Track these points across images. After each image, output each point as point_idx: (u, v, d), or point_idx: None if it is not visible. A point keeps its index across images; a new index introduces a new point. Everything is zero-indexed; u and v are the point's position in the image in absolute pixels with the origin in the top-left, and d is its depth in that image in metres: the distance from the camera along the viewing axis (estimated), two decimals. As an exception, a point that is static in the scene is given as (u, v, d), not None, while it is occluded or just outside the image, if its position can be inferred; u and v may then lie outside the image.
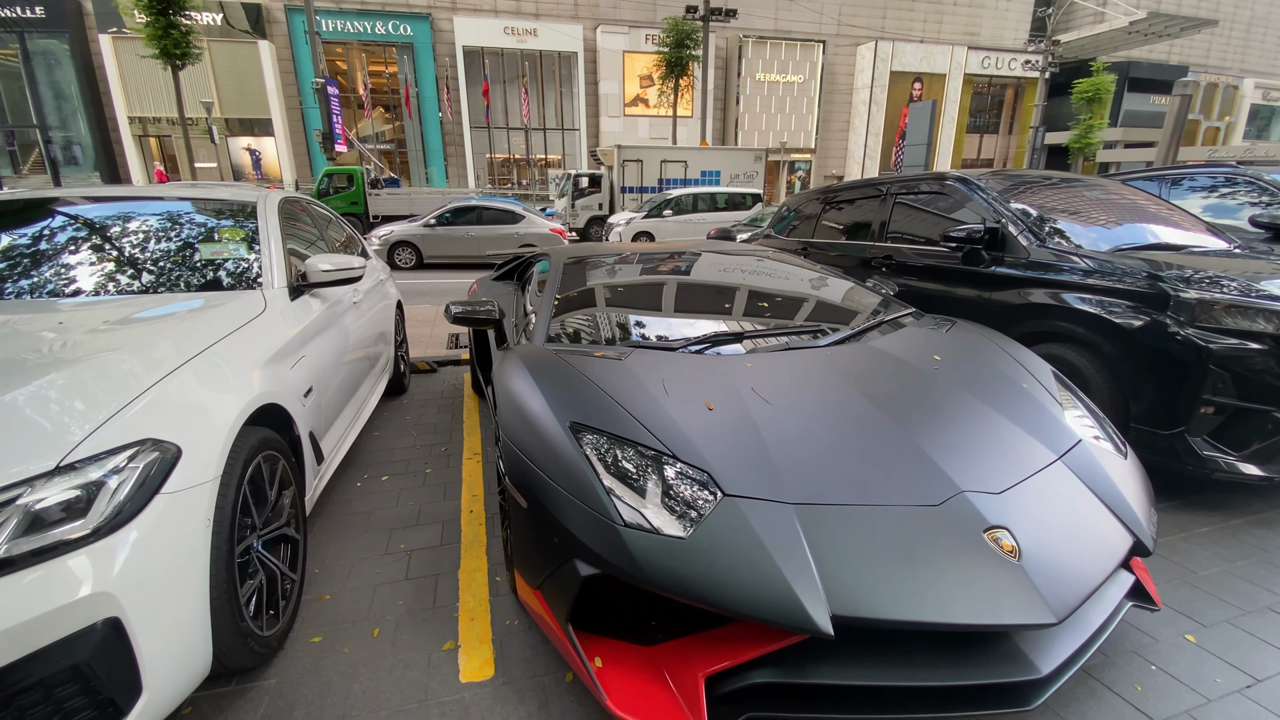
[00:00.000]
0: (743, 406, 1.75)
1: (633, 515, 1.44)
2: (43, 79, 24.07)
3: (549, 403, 1.73)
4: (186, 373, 1.67)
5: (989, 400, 1.89)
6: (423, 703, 1.69)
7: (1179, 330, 2.59)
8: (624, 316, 2.49)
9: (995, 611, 1.28)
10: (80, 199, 2.69)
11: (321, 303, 2.78)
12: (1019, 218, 3.46)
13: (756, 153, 19.24)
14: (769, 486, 1.49)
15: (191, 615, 1.45)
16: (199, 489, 1.50)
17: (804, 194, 5.86)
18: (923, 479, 1.53)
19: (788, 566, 1.32)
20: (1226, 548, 2.41)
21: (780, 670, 1.35)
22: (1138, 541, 1.55)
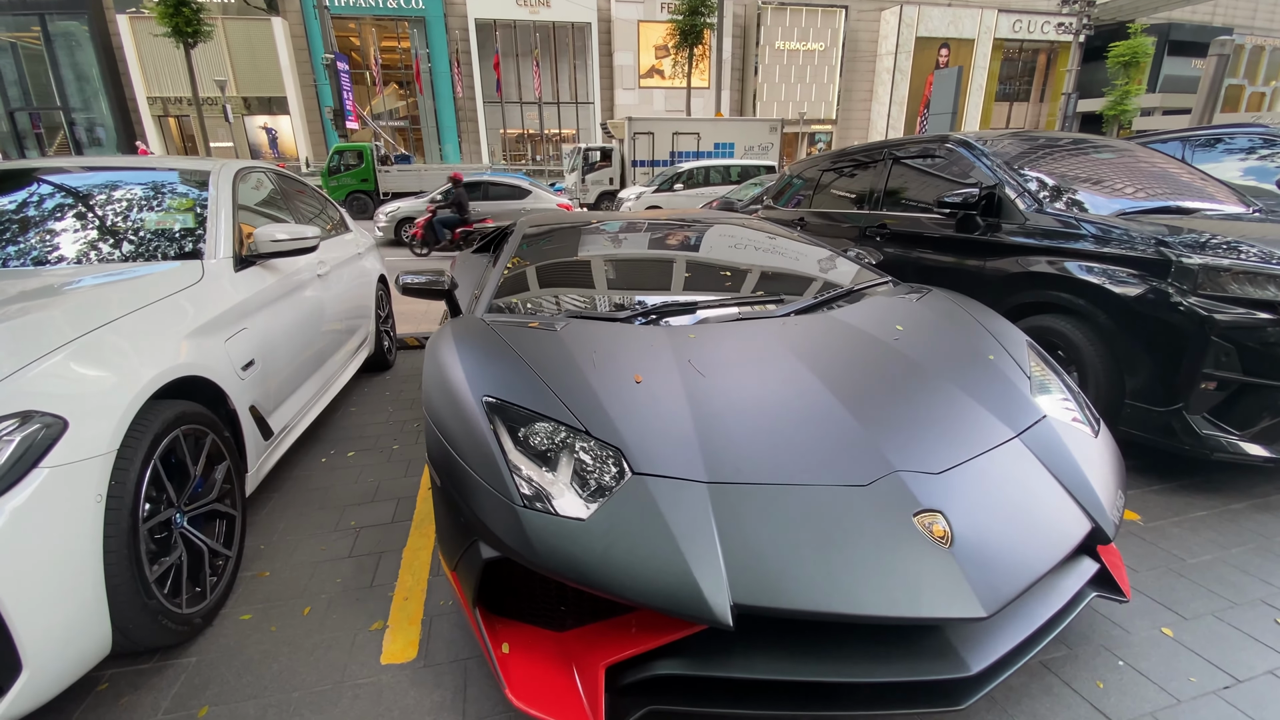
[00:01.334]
0: (674, 380, 1.63)
1: (535, 495, 1.34)
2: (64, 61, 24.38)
3: (466, 375, 1.63)
4: (89, 343, 1.59)
5: (947, 373, 1.74)
6: (338, 684, 1.63)
7: (1180, 299, 2.39)
8: (573, 286, 2.37)
9: (915, 603, 1.16)
10: (37, 170, 2.63)
11: (274, 274, 2.70)
12: (1017, 181, 3.23)
13: (772, 124, 18.71)
14: (685, 465, 1.37)
15: (80, 593, 1.39)
16: (88, 463, 1.43)
17: (802, 162, 5.63)
18: (855, 457, 1.40)
19: (691, 551, 1.21)
20: (1223, 533, 2.24)
21: (686, 662, 1.25)
22: (1096, 527, 1.41)
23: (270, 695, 1.60)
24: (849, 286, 2.37)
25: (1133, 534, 2.24)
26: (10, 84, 23.84)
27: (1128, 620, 1.80)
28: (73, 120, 24.55)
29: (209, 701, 1.58)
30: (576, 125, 31.58)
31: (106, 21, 24.48)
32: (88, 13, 23.91)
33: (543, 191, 12.95)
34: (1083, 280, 2.74)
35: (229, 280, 2.36)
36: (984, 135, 3.67)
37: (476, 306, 2.22)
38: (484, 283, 2.78)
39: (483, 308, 2.19)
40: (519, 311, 2.17)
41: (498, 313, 2.15)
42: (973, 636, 1.28)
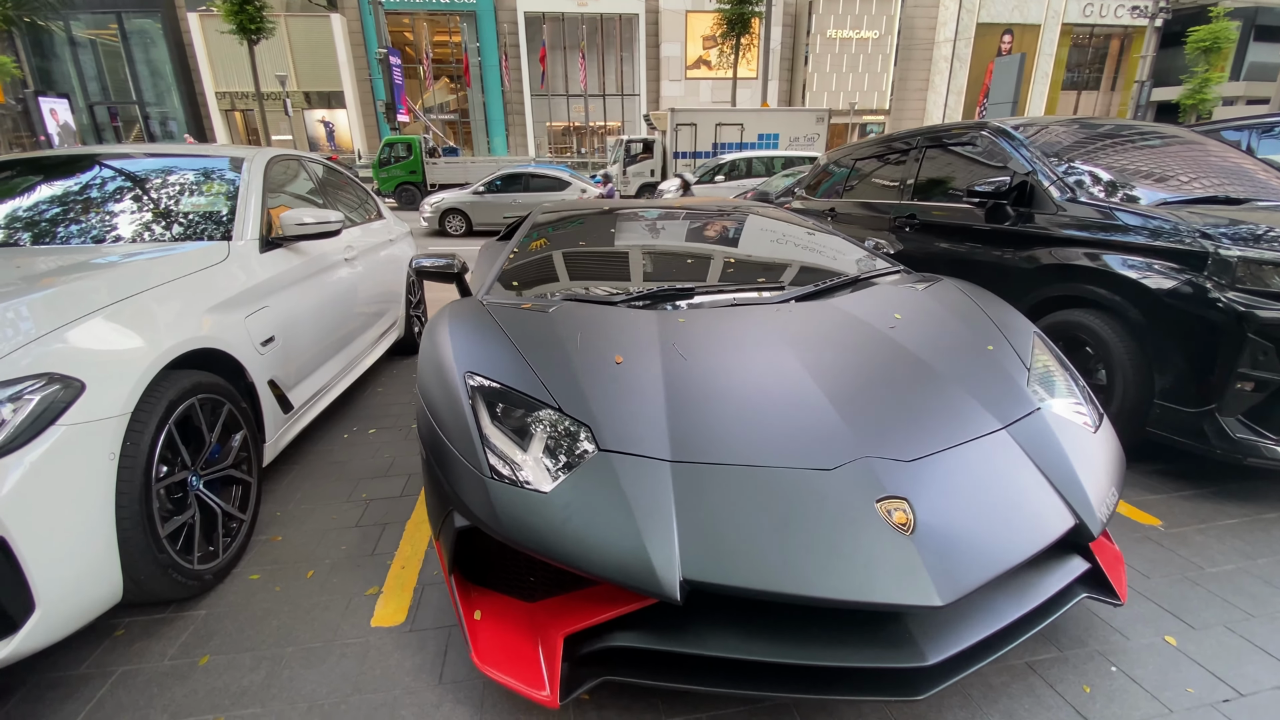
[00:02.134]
0: (655, 362, 1.64)
1: (505, 467, 1.38)
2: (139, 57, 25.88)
3: (454, 353, 1.68)
4: (112, 314, 1.72)
5: (939, 363, 1.69)
6: (328, 642, 1.72)
7: (1217, 293, 2.25)
8: (574, 271, 2.40)
9: (868, 588, 1.14)
10: (84, 157, 2.83)
11: (300, 256, 2.83)
12: (1052, 169, 3.08)
13: (819, 114, 18.29)
14: (651, 443, 1.38)
15: (92, 543, 1.51)
16: (102, 423, 1.54)
17: (835, 151, 5.50)
18: (824, 442, 1.38)
19: (647, 526, 1.23)
20: (1250, 543, 2.11)
21: (642, 635, 1.26)
22: (1080, 524, 1.35)
23: (266, 649, 1.70)
24: (854, 275, 2.32)
25: (1150, 539, 2.13)
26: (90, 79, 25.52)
27: (1128, 626, 1.72)
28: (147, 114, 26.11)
29: (211, 651, 1.69)
30: (622, 117, 31.61)
31: (178, 19, 25.88)
32: (161, 11, 25.32)
33: (581, 183, 13.04)
34: (1113, 273, 2.61)
35: (254, 261, 2.48)
36: (1024, 122, 3.52)
37: (481, 289, 2.28)
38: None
39: (485, 290, 2.25)
40: (519, 294, 2.21)
41: (499, 295, 2.20)
42: (935, 627, 1.25)
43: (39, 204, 2.50)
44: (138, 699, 1.54)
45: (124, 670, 1.64)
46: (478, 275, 3.03)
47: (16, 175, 2.64)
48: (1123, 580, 1.55)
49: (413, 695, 1.53)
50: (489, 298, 2.11)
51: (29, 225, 2.40)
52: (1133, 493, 2.45)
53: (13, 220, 2.42)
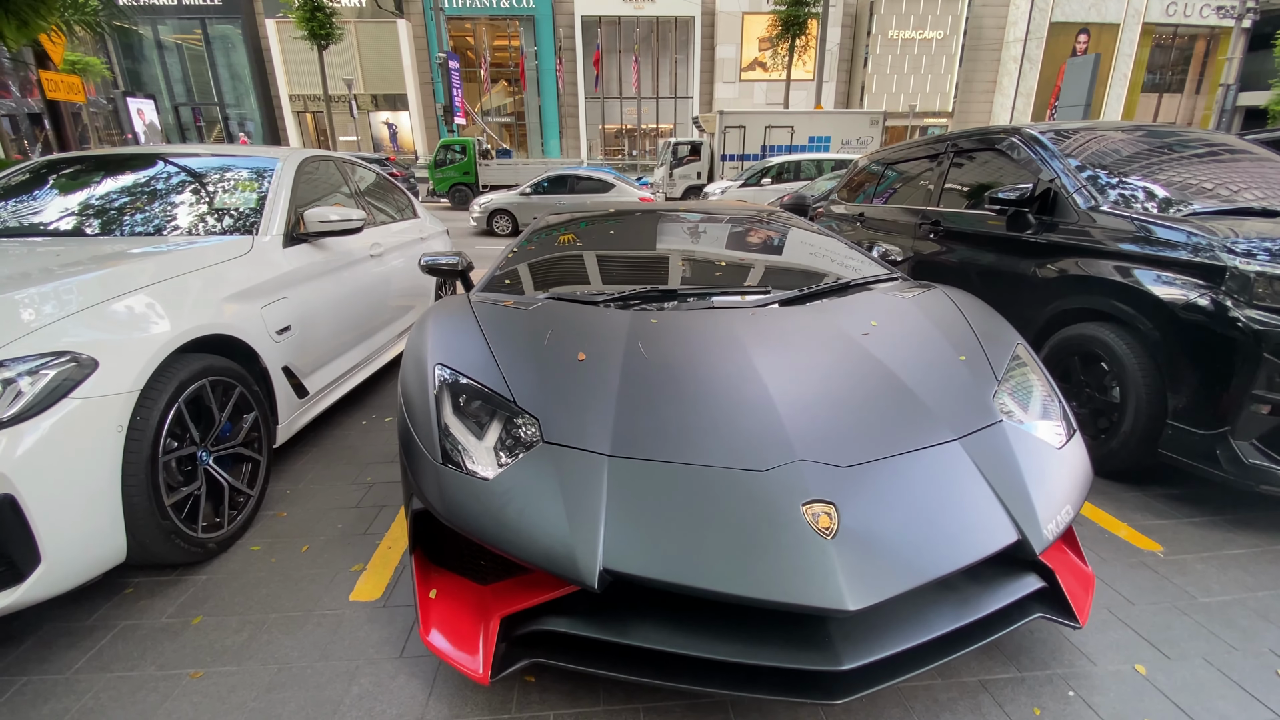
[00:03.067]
0: (617, 360, 1.69)
1: (458, 455, 1.46)
2: (221, 61, 27.64)
3: (430, 345, 1.77)
4: (132, 299, 1.89)
5: (906, 371, 1.68)
6: (308, 612, 1.84)
7: (1234, 309, 2.13)
8: (564, 271, 2.47)
9: (780, 589, 1.16)
10: (138, 157, 3.08)
11: (323, 252, 3.01)
12: (1077, 177, 2.96)
13: (873, 116, 17.86)
14: (594, 438, 1.43)
15: (98, 506, 1.67)
16: (112, 398, 1.71)
17: (869, 155, 5.40)
18: (763, 444, 1.40)
19: (575, 516, 1.28)
20: (1254, 575, 1.98)
21: (569, 621, 1.31)
22: (1023, 540, 1.32)
23: (252, 614, 1.83)
24: (842, 281, 2.30)
25: (1146, 565, 2.03)
26: (176, 81, 27.46)
27: (1099, 651, 1.65)
28: (226, 115, 27.87)
29: (204, 613, 1.84)
30: (674, 120, 31.66)
31: (257, 25, 27.51)
32: (241, 17, 26.97)
33: (627, 185, 13.16)
34: (1128, 285, 2.49)
35: (276, 255, 2.66)
36: (1057, 127, 3.38)
37: (476, 287, 2.38)
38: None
39: (479, 287, 2.35)
40: (508, 292, 2.30)
41: (490, 292, 2.29)
42: (860, 633, 1.25)
43: (90, 198, 2.75)
44: (132, 651, 1.69)
45: (126, 624, 1.80)
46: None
47: (72, 172, 2.91)
48: (1086, 603, 1.50)
49: (373, 666, 1.63)
50: (479, 295, 2.20)
51: (77, 217, 2.64)
52: (1138, 516, 2.34)
53: (62, 212, 2.67)
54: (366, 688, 1.56)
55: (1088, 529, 2.25)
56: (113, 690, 1.56)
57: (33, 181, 2.85)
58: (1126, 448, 2.48)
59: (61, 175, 2.90)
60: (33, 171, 2.93)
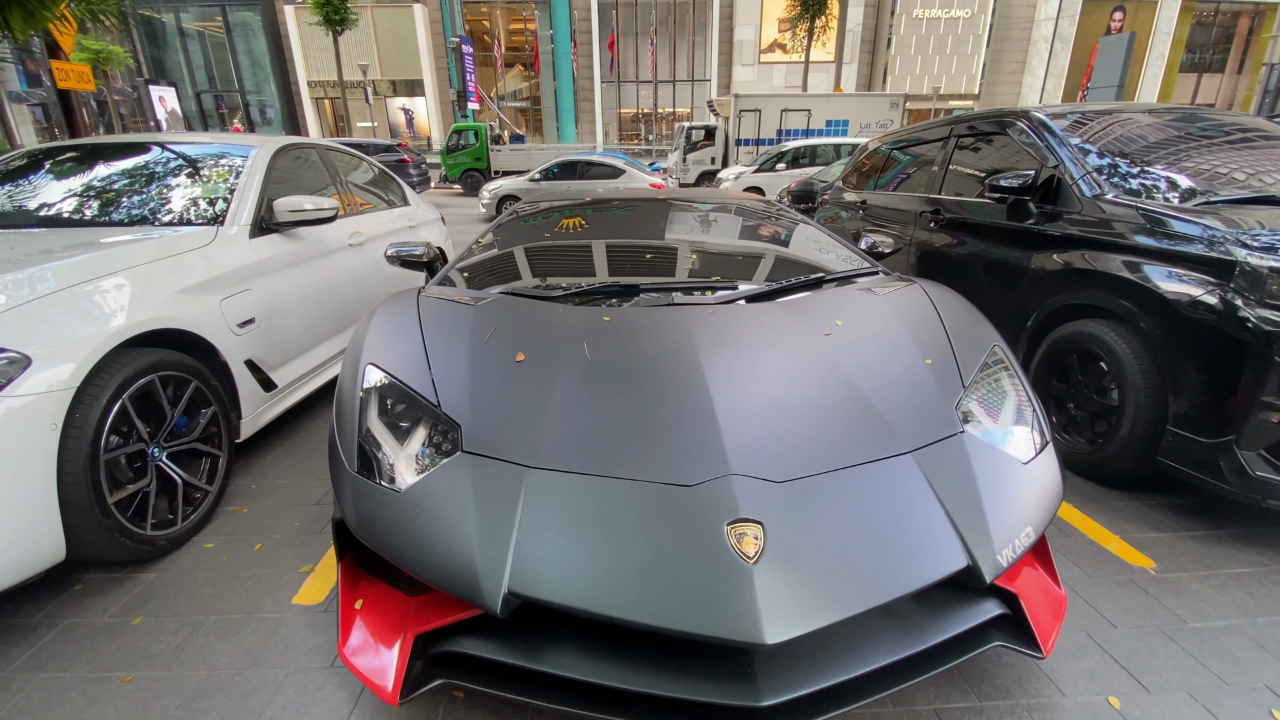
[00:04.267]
0: (555, 362, 1.59)
1: (372, 463, 1.38)
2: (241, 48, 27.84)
3: (367, 342, 1.70)
4: (75, 293, 1.85)
5: (863, 376, 1.56)
6: (248, 615, 1.80)
7: (1243, 308, 1.96)
8: (527, 263, 2.38)
9: (692, 618, 1.07)
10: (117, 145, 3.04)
11: (295, 242, 2.95)
12: (1082, 162, 2.78)
13: (893, 99, 17.37)
14: (517, 447, 1.35)
15: (31, 505, 1.63)
16: (46, 396, 1.66)
17: (874, 140, 5.19)
18: (695, 456, 1.30)
19: (485, 533, 1.20)
20: (1256, 599, 1.84)
21: (483, 643, 1.24)
22: (973, 566, 1.21)
23: (191, 615, 1.79)
24: (814, 277, 2.17)
25: (1135, 583, 1.90)
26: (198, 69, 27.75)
27: (1070, 681, 1.54)
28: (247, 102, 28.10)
29: (146, 613, 1.81)
30: (691, 104, 31.19)
31: (275, 12, 27.61)
32: (261, 3, 27.09)
33: (637, 171, 12.97)
34: (1129, 279, 2.33)
35: (241, 245, 2.60)
36: (1068, 110, 3.18)
37: (434, 279, 2.30)
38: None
39: (435, 280, 2.26)
40: (465, 286, 2.21)
41: (445, 285, 2.21)
42: (784, 666, 1.16)
43: (57, 190, 2.71)
44: (69, 651, 1.66)
45: (69, 622, 1.78)
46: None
47: (44, 163, 2.88)
48: (1053, 630, 1.38)
49: (302, 675, 1.58)
50: (432, 289, 2.12)
51: (41, 209, 2.60)
52: (1133, 528, 2.19)
53: (26, 204, 2.64)
54: (291, 698, 1.51)
55: (1075, 541, 2.11)
56: (43, 691, 1.53)
57: (4, 174, 2.82)
58: (1124, 454, 2.33)
59: (33, 166, 2.87)
60: (5, 163, 2.91)
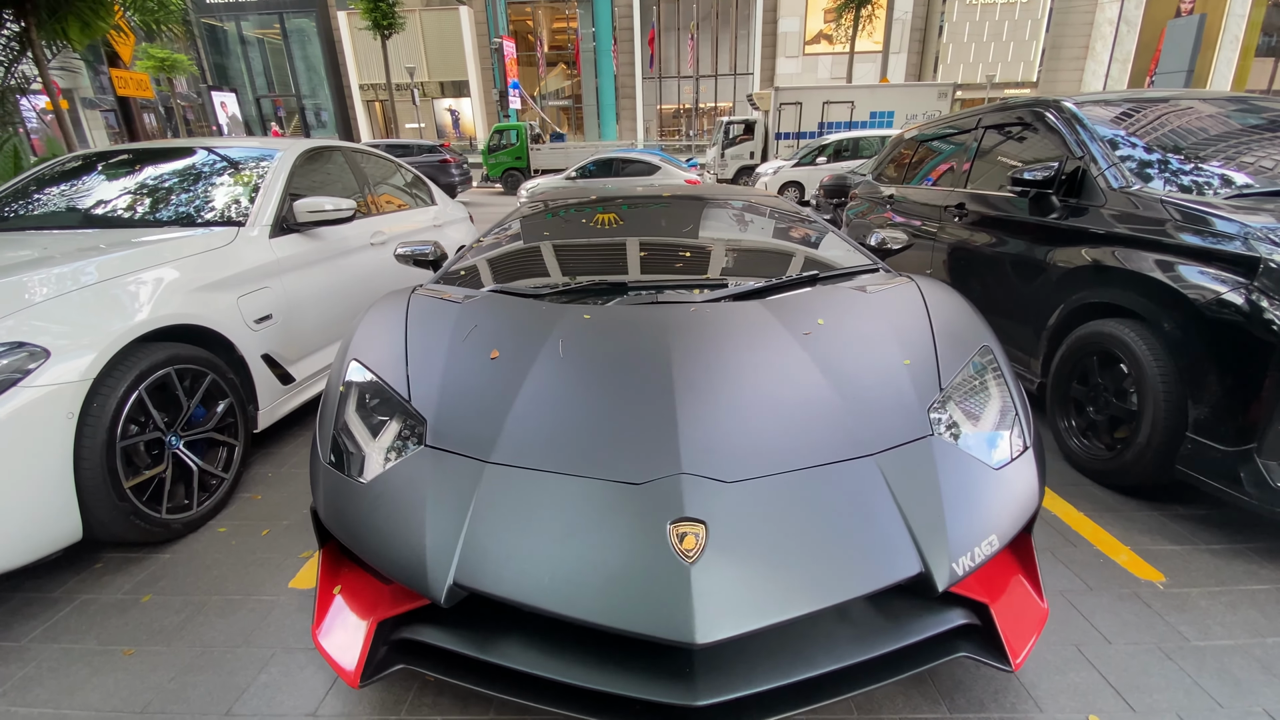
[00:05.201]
0: (530, 359, 1.62)
1: (345, 455, 1.44)
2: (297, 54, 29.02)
3: (354, 339, 1.76)
4: (92, 293, 1.98)
5: (837, 376, 1.52)
6: (247, 596, 1.90)
7: (1266, 308, 1.83)
8: (517, 261, 2.41)
9: (628, 615, 1.08)
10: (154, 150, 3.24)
11: (315, 241, 3.07)
12: (1109, 154, 2.64)
13: (941, 89, 16.77)
14: (475, 443, 1.38)
15: (48, 487, 1.76)
16: (63, 387, 1.79)
17: (906, 132, 5.04)
18: (648, 455, 1.30)
19: (437, 526, 1.24)
20: (1271, 618, 1.72)
21: (439, 631, 1.27)
22: (925, 574, 1.17)
23: (196, 595, 1.90)
24: (804, 275, 2.13)
25: (1139, 598, 1.80)
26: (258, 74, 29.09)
27: (1050, 696, 1.47)
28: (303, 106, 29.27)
29: (155, 591, 1.93)
30: (733, 98, 30.84)
31: (330, 18, 28.64)
32: (316, 10, 28.15)
33: (673, 167, 12.95)
34: (1149, 276, 2.20)
35: (261, 245, 2.73)
36: (1105, 98, 3.02)
37: (432, 277, 2.36)
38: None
39: (433, 278, 2.32)
40: (459, 283, 2.26)
41: (440, 284, 2.26)
42: (724, 666, 1.15)
43: (93, 194, 2.90)
44: (83, 625, 1.79)
45: (85, 598, 1.91)
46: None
47: (86, 168, 3.08)
48: (1028, 643, 1.33)
49: (287, 654, 1.66)
50: (427, 287, 2.18)
51: (76, 212, 2.79)
52: (1146, 540, 2.08)
53: (64, 207, 2.83)
54: (274, 676, 1.59)
55: (1081, 551, 2.02)
56: (53, 661, 1.66)
57: (50, 178, 3.03)
58: (1142, 462, 2.21)
59: (71, 172, 3.06)
60: (53, 168, 3.12)
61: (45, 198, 2.89)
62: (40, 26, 5.10)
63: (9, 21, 5.13)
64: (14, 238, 2.47)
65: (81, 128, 11.36)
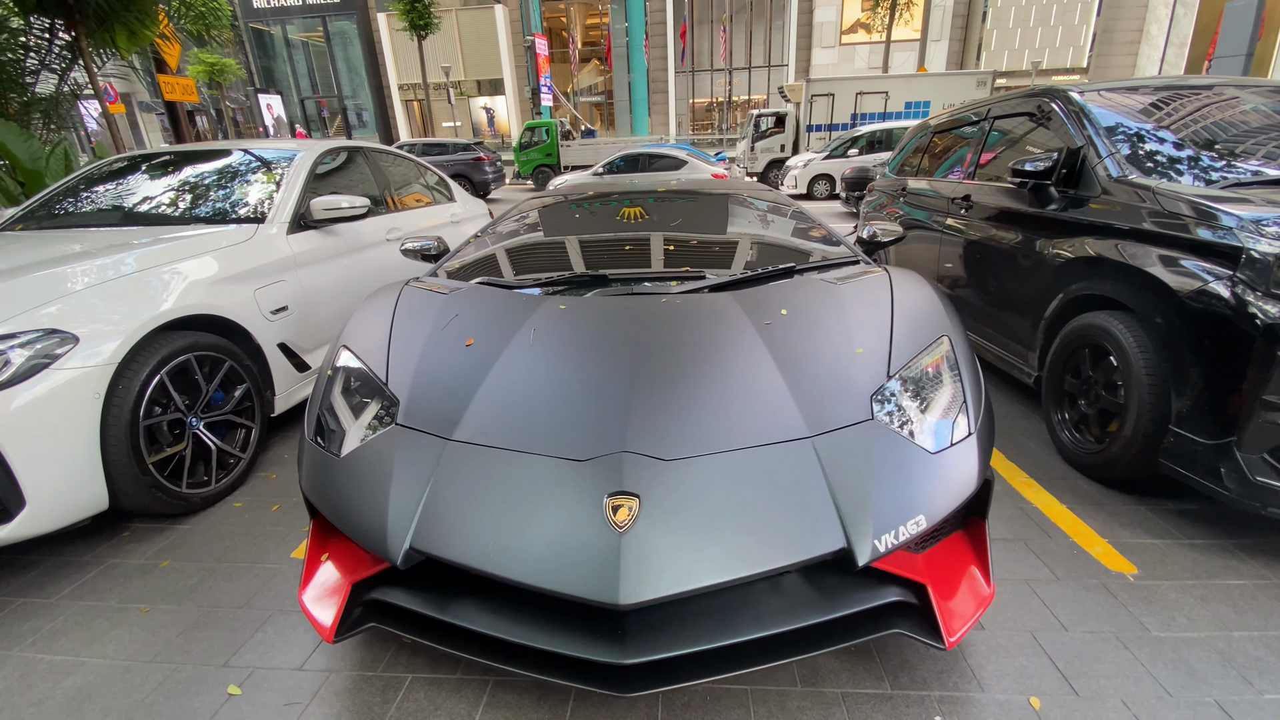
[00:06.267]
0: (502, 347, 1.72)
1: (327, 432, 1.57)
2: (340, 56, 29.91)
3: (347, 326, 1.90)
4: (119, 285, 2.17)
5: (789, 364, 1.58)
6: (253, 564, 2.06)
7: (1248, 298, 1.81)
8: (509, 255, 2.51)
9: (562, 578, 1.17)
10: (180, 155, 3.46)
11: (331, 238, 3.25)
12: (1109, 143, 2.59)
13: (980, 77, 16.28)
14: (440, 423, 1.49)
15: (77, 461, 1.95)
16: (91, 370, 1.98)
17: (920, 123, 4.98)
18: (596, 434, 1.39)
19: (399, 496, 1.35)
20: (1241, 613, 1.70)
21: (401, 592, 1.38)
22: (847, 550, 1.22)
23: (209, 562, 2.08)
24: (780, 267, 2.17)
25: (1106, 588, 1.80)
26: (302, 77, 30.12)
27: (995, 678, 1.51)
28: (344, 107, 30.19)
29: (174, 558, 2.11)
30: (767, 90, 30.48)
31: (370, 20, 29.43)
32: (356, 12, 28.96)
33: (699, 161, 12.94)
34: (1134, 267, 2.18)
35: (278, 241, 2.91)
36: (1110, 86, 2.96)
37: (429, 270, 2.49)
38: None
39: (429, 271, 2.45)
40: (453, 275, 2.38)
41: (434, 276, 2.39)
42: (657, 630, 1.23)
43: (128, 193, 3.13)
44: (108, 585, 1.98)
45: (112, 562, 2.10)
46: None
47: (126, 169, 3.32)
48: (965, 623, 1.36)
49: (284, 615, 1.81)
50: (423, 279, 2.30)
51: (112, 210, 3.02)
52: (1126, 533, 2.06)
53: (101, 205, 3.06)
54: (269, 634, 1.73)
55: (1055, 542, 2.02)
56: (79, 616, 1.84)
57: (92, 180, 3.27)
58: (1127, 455, 2.19)
59: (115, 174, 3.30)
60: (96, 171, 3.37)
61: (88, 198, 3.13)
62: (90, 35, 5.47)
63: (60, 32, 5.52)
64: (57, 234, 2.70)
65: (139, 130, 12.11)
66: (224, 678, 1.59)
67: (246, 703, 1.52)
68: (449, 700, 1.50)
